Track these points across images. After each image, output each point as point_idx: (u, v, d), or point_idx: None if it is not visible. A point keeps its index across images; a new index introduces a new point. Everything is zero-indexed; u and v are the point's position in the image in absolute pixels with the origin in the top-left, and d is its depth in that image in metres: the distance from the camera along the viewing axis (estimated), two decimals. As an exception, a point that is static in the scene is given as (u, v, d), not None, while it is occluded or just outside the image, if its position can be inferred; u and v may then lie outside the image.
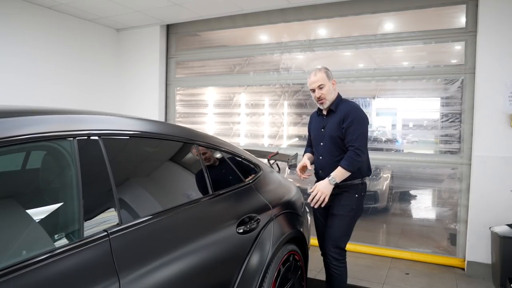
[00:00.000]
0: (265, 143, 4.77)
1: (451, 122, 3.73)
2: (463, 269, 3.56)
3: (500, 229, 3.11)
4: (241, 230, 1.86)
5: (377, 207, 4.24)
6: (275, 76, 4.58)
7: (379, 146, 4.20)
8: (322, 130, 2.49)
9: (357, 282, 3.27)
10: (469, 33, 3.58)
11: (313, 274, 3.25)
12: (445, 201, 3.89)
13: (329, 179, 2.30)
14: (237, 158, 2.30)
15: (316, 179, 2.56)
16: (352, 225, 2.49)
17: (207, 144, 2.03)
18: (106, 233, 1.26)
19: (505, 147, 3.33)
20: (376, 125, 4.26)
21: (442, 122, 3.79)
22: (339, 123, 2.38)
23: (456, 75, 3.69)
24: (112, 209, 1.35)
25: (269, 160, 2.97)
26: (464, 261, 3.57)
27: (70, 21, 4.69)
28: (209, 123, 5.15)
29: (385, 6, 3.93)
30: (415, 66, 3.90)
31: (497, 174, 3.36)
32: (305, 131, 2.90)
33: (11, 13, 4.09)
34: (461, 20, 3.65)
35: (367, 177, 2.55)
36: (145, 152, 1.75)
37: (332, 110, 2.46)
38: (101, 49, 5.14)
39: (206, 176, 1.89)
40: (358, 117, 2.36)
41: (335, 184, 2.33)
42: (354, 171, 2.34)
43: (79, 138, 1.31)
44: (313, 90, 2.45)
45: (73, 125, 1.32)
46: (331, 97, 2.44)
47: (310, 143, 2.68)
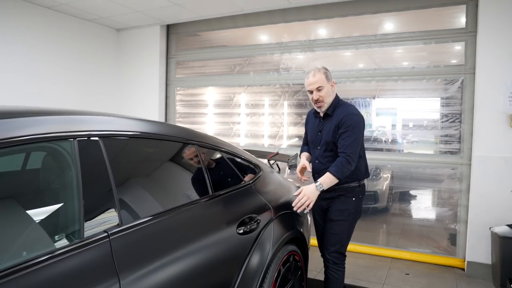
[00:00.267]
0: (265, 143, 4.77)
1: (451, 122, 3.73)
2: (463, 269, 3.56)
3: (500, 230, 3.11)
4: (241, 231, 1.87)
5: (377, 207, 4.24)
6: (275, 76, 4.58)
7: (379, 146, 4.20)
8: (319, 134, 2.42)
9: (357, 282, 3.27)
10: (469, 33, 3.58)
11: (313, 275, 3.25)
12: (445, 201, 3.89)
13: (316, 185, 2.22)
14: (237, 159, 2.30)
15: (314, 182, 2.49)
16: (352, 229, 2.44)
17: (207, 145, 2.03)
18: (107, 234, 1.26)
19: (505, 147, 3.33)
20: (376, 125, 4.26)
21: (442, 122, 3.79)
22: (335, 129, 2.31)
23: (456, 75, 3.68)
24: (112, 210, 1.35)
25: (269, 161, 2.96)
26: (464, 261, 3.57)
27: (70, 21, 4.69)
28: (209, 123, 5.14)
29: (386, 7, 3.93)
30: (415, 66, 3.90)
31: (497, 174, 3.36)
32: (305, 132, 2.89)
33: (11, 13, 4.09)
34: (461, 20, 3.65)
35: (365, 179, 2.50)
36: (145, 153, 1.75)
37: (329, 115, 2.38)
38: (101, 49, 5.14)
39: (206, 177, 1.89)
40: (354, 124, 2.28)
41: (331, 188, 2.27)
42: (342, 178, 2.24)
43: (80, 139, 1.31)
44: (311, 92, 2.35)
45: (73, 126, 1.32)
46: (329, 100, 2.35)
47: (307, 141, 2.62)
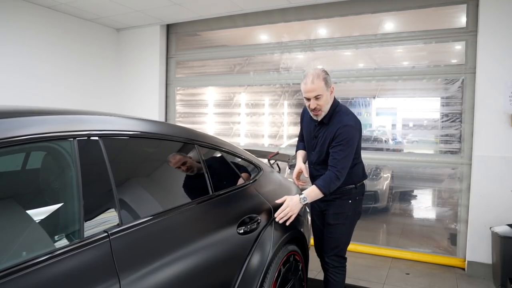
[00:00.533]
0: (265, 143, 4.76)
1: (452, 122, 3.73)
2: (464, 269, 3.56)
3: (501, 229, 3.10)
4: (242, 231, 1.86)
5: (377, 207, 4.24)
6: (275, 76, 4.57)
7: (379, 146, 4.20)
8: (314, 139, 2.32)
9: (357, 282, 3.27)
10: (470, 33, 3.57)
11: (314, 274, 3.24)
12: (446, 201, 3.88)
13: (301, 198, 2.12)
14: (238, 159, 2.30)
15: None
16: (351, 232, 2.38)
17: (207, 144, 2.02)
18: (107, 234, 1.26)
19: (506, 147, 3.33)
20: (376, 125, 4.26)
21: (443, 122, 3.79)
22: (330, 141, 2.20)
23: (457, 75, 3.68)
24: (112, 210, 1.35)
25: (269, 160, 2.96)
26: (465, 261, 3.57)
27: (70, 21, 4.68)
28: (209, 123, 5.14)
29: (386, 6, 3.92)
30: (416, 66, 3.89)
31: (498, 174, 3.36)
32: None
33: (11, 13, 4.08)
34: (462, 20, 3.65)
35: (364, 180, 2.41)
36: (145, 153, 1.75)
37: (325, 123, 2.25)
38: (101, 49, 5.13)
39: (207, 177, 1.88)
40: (348, 138, 2.15)
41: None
42: (328, 194, 2.16)
43: (79, 139, 1.31)
44: (308, 99, 2.18)
45: (73, 126, 1.31)
46: (327, 108, 2.20)
47: (303, 138, 2.52)
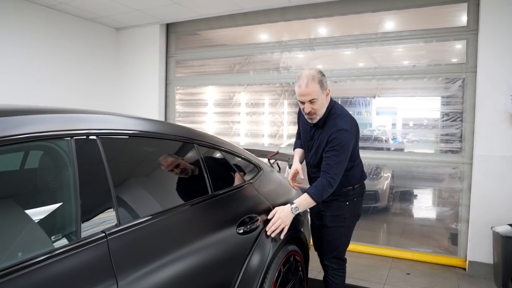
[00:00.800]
0: (265, 143, 4.74)
1: (452, 121, 3.71)
2: (465, 269, 3.54)
3: (502, 229, 3.09)
4: (241, 231, 1.85)
5: (378, 207, 4.22)
6: (275, 75, 4.56)
7: (380, 146, 4.18)
8: (310, 141, 2.26)
9: (358, 282, 3.25)
10: (471, 32, 3.56)
11: (314, 274, 3.23)
12: (446, 201, 3.87)
13: (292, 207, 2.04)
14: (237, 158, 2.28)
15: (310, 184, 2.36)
16: (349, 233, 2.33)
17: (207, 144, 2.01)
18: (104, 234, 1.24)
19: (507, 146, 3.31)
20: (377, 124, 4.24)
21: (443, 121, 3.77)
22: (324, 145, 2.14)
23: (457, 74, 3.66)
24: (110, 210, 1.33)
25: (269, 160, 2.94)
26: (466, 261, 3.55)
27: (70, 20, 4.67)
28: (209, 123, 5.12)
29: (386, 5, 3.90)
30: (416, 65, 3.87)
31: (499, 174, 3.34)
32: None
33: (9, 13, 4.06)
34: (463, 19, 3.63)
35: (363, 181, 2.35)
36: (144, 152, 1.73)
37: (319, 126, 2.18)
38: (101, 48, 5.12)
39: (206, 176, 1.87)
40: (342, 143, 2.07)
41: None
42: (320, 202, 2.09)
43: (77, 138, 1.29)
44: (302, 102, 2.10)
45: (71, 125, 1.30)
46: (322, 111, 2.12)
47: (300, 135, 2.46)
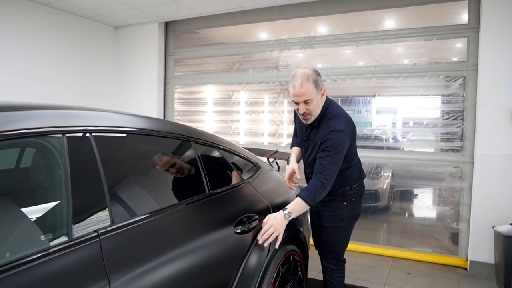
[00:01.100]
0: (265, 141, 4.71)
1: (453, 120, 3.68)
2: (466, 269, 3.51)
3: (504, 228, 3.06)
4: (239, 230, 1.81)
5: (378, 206, 4.19)
6: (275, 74, 4.53)
7: (380, 144, 4.15)
8: (306, 141, 2.21)
9: (358, 282, 3.22)
10: (472, 30, 3.52)
11: (313, 275, 3.20)
12: (447, 200, 3.84)
13: (285, 213, 1.94)
14: (235, 156, 2.25)
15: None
16: (348, 234, 2.29)
17: (204, 142, 1.97)
18: (97, 234, 1.21)
19: (508, 145, 3.28)
20: (377, 123, 4.21)
21: (444, 120, 3.73)
22: (319, 146, 2.08)
23: (458, 72, 3.63)
24: (103, 209, 1.30)
25: (268, 159, 2.91)
26: (467, 261, 3.52)
27: (67, 19, 4.63)
28: (208, 121, 5.09)
29: (386, 3, 3.87)
30: (417, 63, 3.84)
31: (500, 172, 3.31)
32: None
33: (5, 12, 4.02)
34: (463, 16, 3.59)
35: (362, 181, 2.30)
36: (139, 150, 1.69)
37: (314, 126, 2.14)
38: (99, 47, 5.09)
39: (203, 175, 1.83)
40: (337, 144, 2.01)
41: None
42: (314, 205, 2.02)
43: (69, 135, 1.26)
44: (297, 103, 2.04)
45: (62, 121, 1.26)
46: (318, 112, 2.06)
47: (297, 133, 2.41)
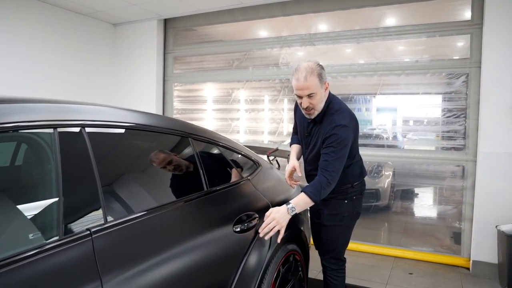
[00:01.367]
0: (265, 140, 4.67)
1: (456, 118, 3.63)
2: (468, 269, 3.47)
3: (507, 228, 3.02)
4: (238, 229, 1.77)
5: (379, 205, 4.15)
6: (275, 71, 4.48)
7: (381, 143, 4.10)
8: (307, 137, 2.17)
9: (359, 282, 3.18)
10: (475, 26, 3.47)
11: (314, 274, 3.15)
12: (449, 199, 3.79)
13: (288, 208, 1.90)
14: (234, 153, 2.20)
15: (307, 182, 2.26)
16: (348, 233, 2.24)
17: (203, 138, 1.93)
18: (89, 232, 1.16)
19: (512, 143, 3.24)
20: (378, 121, 4.16)
21: (447, 118, 3.69)
22: (322, 141, 2.04)
23: (461, 69, 3.58)
24: (96, 206, 1.25)
25: (269, 157, 2.87)
26: (469, 261, 3.47)
27: (65, 16, 4.58)
28: (208, 119, 5.05)
29: (388, -1, 3.83)
30: (419, 60, 3.79)
31: (504, 171, 3.26)
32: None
33: (5, 10, 3.97)
34: (466, 13, 3.55)
35: (363, 179, 2.28)
36: (135, 146, 1.65)
37: (317, 121, 2.10)
38: (98, 44, 5.04)
39: (201, 172, 1.79)
40: (341, 140, 1.97)
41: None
42: (319, 201, 1.97)
43: (61, 129, 1.21)
44: (300, 96, 2.00)
45: (54, 115, 1.21)
46: (321, 106, 2.02)
47: (297, 130, 2.35)
